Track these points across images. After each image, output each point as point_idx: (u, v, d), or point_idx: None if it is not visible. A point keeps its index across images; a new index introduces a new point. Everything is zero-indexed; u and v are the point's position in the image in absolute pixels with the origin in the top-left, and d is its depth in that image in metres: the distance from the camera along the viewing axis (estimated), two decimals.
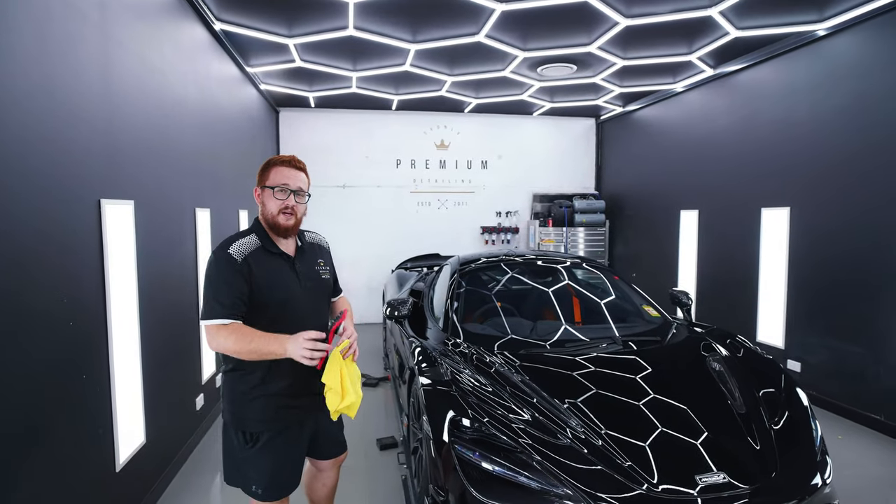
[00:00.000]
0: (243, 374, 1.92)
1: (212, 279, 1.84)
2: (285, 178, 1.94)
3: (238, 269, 1.83)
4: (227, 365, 1.96)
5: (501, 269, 3.80)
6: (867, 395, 3.96)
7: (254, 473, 1.96)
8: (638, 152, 7.33)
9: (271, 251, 1.95)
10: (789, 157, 4.64)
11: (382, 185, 7.80)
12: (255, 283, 1.86)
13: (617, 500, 1.93)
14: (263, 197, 1.96)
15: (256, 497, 1.99)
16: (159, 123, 3.12)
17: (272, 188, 1.93)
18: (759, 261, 4.95)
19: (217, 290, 1.81)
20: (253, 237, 1.94)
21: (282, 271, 1.96)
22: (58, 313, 2.06)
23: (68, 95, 2.17)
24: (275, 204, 1.92)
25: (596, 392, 2.46)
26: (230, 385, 1.96)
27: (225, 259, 1.84)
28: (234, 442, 1.97)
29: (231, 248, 1.87)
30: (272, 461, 1.97)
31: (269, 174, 1.95)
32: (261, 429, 1.94)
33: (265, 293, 1.88)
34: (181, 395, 3.46)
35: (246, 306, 1.84)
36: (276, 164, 1.97)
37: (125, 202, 2.62)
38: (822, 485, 2.11)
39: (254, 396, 1.92)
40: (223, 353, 1.83)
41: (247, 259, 1.86)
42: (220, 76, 4.50)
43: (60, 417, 2.07)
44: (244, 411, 1.93)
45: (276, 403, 1.94)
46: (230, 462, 2.02)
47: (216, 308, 1.79)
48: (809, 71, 4.46)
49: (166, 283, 3.21)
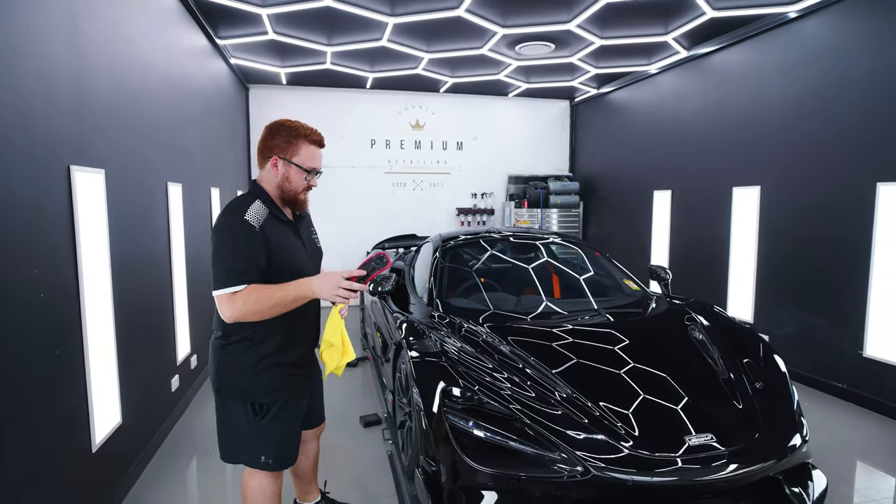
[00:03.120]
0: (252, 345, 1.86)
1: (227, 247, 1.75)
2: (318, 161, 1.95)
3: (256, 237, 1.76)
4: (227, 337, 1.87)
5: (483, 246, 3.80)
6: (831, 365, 4.15)
7: (264, 444, 1.92)
8: (612, 134, 7.41)
9: (280, 219, 1.91)
10: (760, 138, 4.77)
11: (356, 166, 7.67)
12: (271, 251, 1.81)
13: (608, 461, 1.96)
14: (289, 171, 1.90)
15: (266, 468, 1.95)
16: (129, 89, 2.96)
17: (302, 168, 1.89)
18: (730, 238, 5.09)
19: (235, 259, 1.73)
20: (260, 204, 1.85)
21: (290, 239, 1.93)
22: (28, 284, 1.94)
23: (33, 49, 2.02)
24: (301, 183, 1.92)
25: (579, 362, 2.49)
26: (235, 357, 1.88)
27: (244, 225, 1.76)
28: (241, 416, 1.90)
29: (248, 214, 1.79)
30: (283, 430, 1.95)
31: (298, 149, 1.89)
32: (272, 399, 1.91)
33: (282, 261, 1.84)
34: (156, 376, 3.34)
35: (261, 274, 1.77)
36: (305, 141, 1.91)
37: (96, 170, 2.48)
38: (800, 444, 2.20)
39: (263, 367, 1.87)
40: (242, 319, 1.74)
41: (263, 227, 1.80)
42: (191, 47, 4.30)
43: (32, 394, 1.96)
44: (254, 383, 1.88)
45: (285, 372, 1.92)
46: (234, 437, 1.94)
47: (233, 276, 1.72)
48: (781, 53, 4.57)
49: (140, 259, 3.08)
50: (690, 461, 1.99)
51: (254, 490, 2.01)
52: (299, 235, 2.00)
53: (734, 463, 2.01)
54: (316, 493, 2.52)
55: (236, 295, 1.72)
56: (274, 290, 1.74)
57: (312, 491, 2.50)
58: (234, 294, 1.72)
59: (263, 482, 2.01)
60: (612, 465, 1.95)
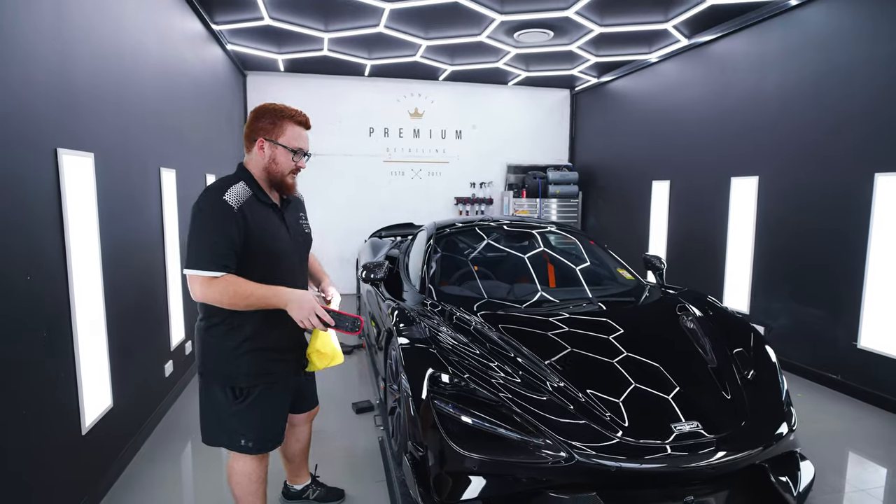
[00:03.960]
0: (230, 330, 1.86)
1: (205, 226, 1.74)
2: (304, 142, 1.92)
3: (233, 218, 1.75)
4: (209, 320, 1.88)
5: (478, 234, 3.79)
6: (826, 356, 4.14)
7: (243, 428, 1.93)
8: (611, 124, 7.36)
9: (263, 201, 1.89)
10: (759, 128, 4.73)
11: (354, 154, 7.64)
12: (249, 233, 1.79)
13: (594, 448, 1.97)
14: (275, 153, 1.88)
15: (246, 451, 1.95)
16: (117, 72, 2.93)
17: (288, 148, 1.88)
18: (727, 229, 5.07)
19: (211, 239, 1.72)
20: (243, 185, 1.85)
21: (272, 222, 1.91)
22: (13, 265, 1.94)
23: (16, 26, 2.00)
24: (288, 164, 1.90)
25: (571, 350, 2.48)
26: (215, 341, 1.88)
27: (221, 205, 1.75)
28: (221, 398, 1.91)
29: (227, 194, 1.78)
30: (262, 415, 1.95)
31: (283, 130, 1.88)
32: (251, 383, 1.90)
33: (260, 243, 1.82)
34: (149, 361, 3.35)
35: (238, 258, 1.77)
36: (291, 122, 1.90)
37: (84, 154, 2.46)
38: (787, 433, 2.20)
39: (243, 351, 1.87)
40: (212, 304, 1.75)
41: (242, 208, 1.79)
42: (184, 32, 4.26)
43: (18, 374, 1.96)
44: (233, 367, 1.88)
45: (265, 357, 1.91)
46: (213, 420, 1.95)
47: (208, 258, 1.71)
48: (781, 41, 4.52)
49: (131, 244, 3.07)
50: (676, 448, 1.99)
51: (239, 474, 2.03)
52: (283, 219, 1.98)
53: (720, 450, 2.01)
54: (306, 477, 2.54)
55: (214, 281, 1.72)
56: (252, 290, 1.73)
57: (303, 474, 2.52)
58: (211, 279, 1.72)
59: (248, 466, 2.02)
60: (597, 452, 1.95)
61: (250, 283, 1.75)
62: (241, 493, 2.05)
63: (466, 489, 2.01)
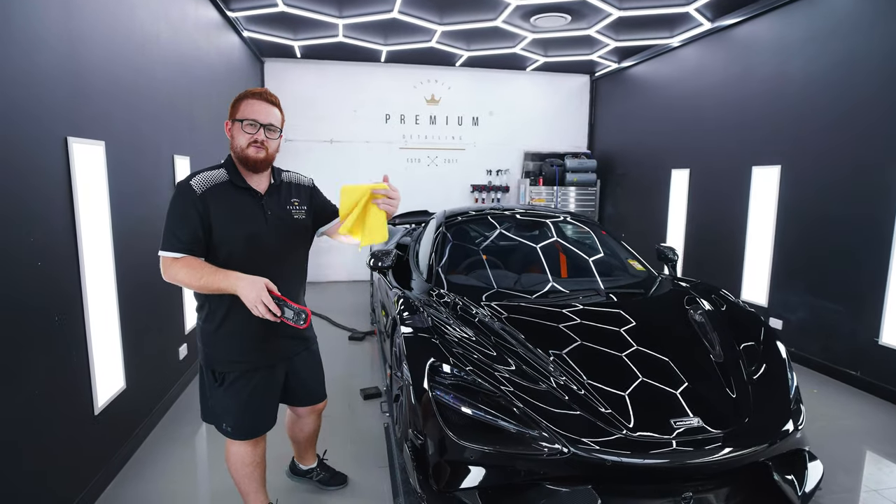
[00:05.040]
0: (209, 314, 1.92)
1: (171, 210, 1.81)
2: (255, 113, 1.86)
3: (192, 202, 1.79)
4: (197, 304, 1.95)
5: (488, 223, 3.76)
6: (845, 352, 4.02)
7: (222, 412, 1.98)
8: (631, 110, 7.20)
9: (238, 185, 1.89)
10: (782, 115, 4.57)
11: (371, 141, 7.63)
12: (212, 218, 1.81)
13: (595, 443, 1.95)
14: (234, 130, 1.89)
15: (227, 435, 2.01)
16: (129, 60, 2.96)
17: (241, 121, 1.85)
18: (747, 220, 4.94)
19: (174, 223, 1.79)
20: (221, 171, 1.89)
21: (246, 207, 1.90)
22: (25, 251, 1.99)
23: (23, 14, 2.04)
24: (244, 138, 1.85)
25: (575, 342, 2.46)
26: (202, 324, 1.96)
27: (184, 190, 1.81)
28: (206, 380, 1.99)
29: (194, 179, 1.83)
30: (239, 402, 1.97)
31: (239, 107, 1.87)
32: (228, 369, 1.94)
33: (224, 228, 1.83)
34: (162, 344, 3.43)
35: (202, 241, 1.81)
36: (247, 97, 1.88)
37: (95, 142, 2.51)
38: (793, 430, 2.15)
39: (220, 336, 1.91)
40: (177, 284, 1.81)
41: (205, 193, 1.81)
42: (198, 18, 4.29)
43: (31, 356, 2.03)
44: (212, 350, 1.94)
45: (241, 344, 1.93)
46: (203, 401, 2.05)
47: (171, 240, 1.78)
48: (806, 24, 4.34)
49: (145, 230, 3.13)
50: (675, 444, 1.96)
51: (233, 456, 2.08)
52: (262, 204, 1.92)
53: (720, 446, 1.98)
54: (313, 460, 2.59)
55: (175, 262, 1.78)
56: (204, 272, 1.76)
57: (309, 457, 2.56)
58: (172, 260, 1.78)
59: (241, 449, 2.06)
60: (593, 446, 1.94)
61: (206, 266, 1.77)
62: (237, 475, 2.11)
63: (464, 479, 2.02)
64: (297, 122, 7.22)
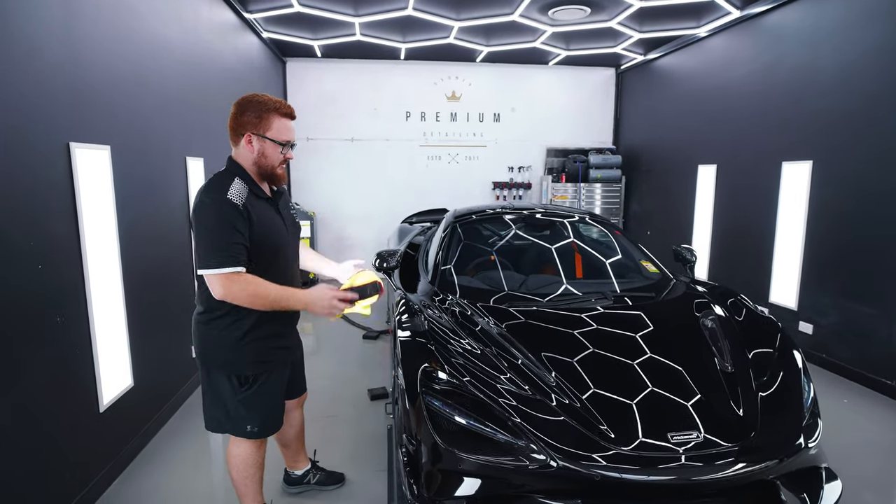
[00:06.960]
0: (237, 320, 1.91)
1: (217, 225, 1.77)
2: (290, 134, 1.95)
3: (242, 215, 1.79)
4: (212, 313, 1.92)
5: (497, 222, 3.69)
6: (879, 358, 3.78)
7: (249, 414, 2.00)
8: (657, 104, 6.96)
9: (259, 196, 1.92)
10: (813, 107, 4.32)
11: (391, 139, 7.63)
12: (254, 229, 1.83)
13: (585, 457, 1.87)
14: (264, 147, 1.90)
15: (252, 436, 2.03)
16: (134, 63, 3.00)
17: (277, 143, 1.90)
18: (776, 218, 4.70)
19: (226, 238, 1.75)
20: (240, 182, 1.87)
21: (271, 216, 1.95)
22: (25, 256, 2.05)
23: (21, 18, 2.08)
24: (277, 157, 1.93)
25: (575, 348, 2.37)
26: (220, 332, 1.92)
27: (227, 204, 1.78)
28: (227, 387, 1.97)
29: (229, 192, 1.80)
30: (267, 400, 2.04)
31: (270, 124, 1.89)
32: (257, 371, 1.98)
33: (263, 238, 1.87)
34: (172, 344, 3.49)
35: (248, 253, 1.82)
36: (276, 114, 1.90)
37: (100, 147, 2.56)
38: (804, 446, 2.01)
39: (248, 341, 1.93)
40: (232, 301, 1.79)
41: (246, 205, 1.82)
42: (211, 21, 4.35)
43: (34, 355, 2.09)
44: (238, 356, 1.94)
45: (269, 345, 1.99)
46: (219, 408, 2.02)
47: (227, 256, 1.74)
48: (839, 10, 4.07)
49: (155, 232, 3.20)
50: (671, 459, 1.87)
51: (237, 458, 2.10)
52: (279, 212, 2.02)
53: (723, 462, 1.87)
54: (305, 462, 2.59)
55: (234, 278, 1.76)
56: (270, 291, 1.80)
57: (301, 459, 2.57)
58: (231, 276, 1.75)
59: (246, 451, 2.08)
60: (584, 459, 1.86)
61: (268, 284, 1.81)
62: (239, 476, 2.12)
63: (456, 488, 1.97)
64: (318, 120, 7.28)
